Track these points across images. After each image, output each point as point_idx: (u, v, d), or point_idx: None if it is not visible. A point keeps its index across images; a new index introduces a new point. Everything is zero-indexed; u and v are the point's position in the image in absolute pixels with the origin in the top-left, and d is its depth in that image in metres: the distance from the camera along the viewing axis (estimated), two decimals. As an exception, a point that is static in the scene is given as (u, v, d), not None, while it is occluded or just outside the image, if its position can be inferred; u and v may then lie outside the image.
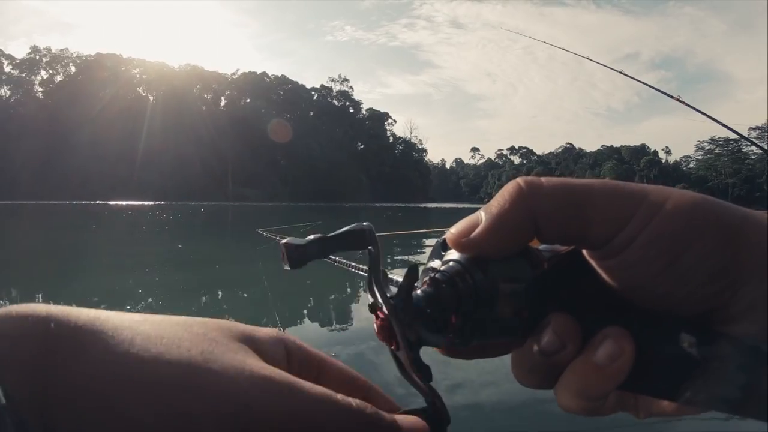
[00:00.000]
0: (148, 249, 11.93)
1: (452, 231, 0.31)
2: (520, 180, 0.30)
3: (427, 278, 0.31)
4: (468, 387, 3.28)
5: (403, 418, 0.30)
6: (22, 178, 72.02)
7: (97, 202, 58.52)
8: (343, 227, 0.33)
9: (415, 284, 0.32)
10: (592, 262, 0.30)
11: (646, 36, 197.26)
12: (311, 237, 0.32)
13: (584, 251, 0.31)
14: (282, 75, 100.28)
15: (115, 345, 0.25)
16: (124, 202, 57.70)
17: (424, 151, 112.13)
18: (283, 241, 0.32)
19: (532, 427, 2.78)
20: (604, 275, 0.30)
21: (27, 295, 5.65)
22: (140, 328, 0.26)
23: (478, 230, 0.30)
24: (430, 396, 0.31)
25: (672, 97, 3.87)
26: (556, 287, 0.31)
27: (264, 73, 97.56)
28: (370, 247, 0.32)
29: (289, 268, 0.32)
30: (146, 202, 59.05)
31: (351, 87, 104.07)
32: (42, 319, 0.24)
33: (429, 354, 0.31)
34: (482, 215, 0.30)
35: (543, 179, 0.30)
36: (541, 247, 0.32)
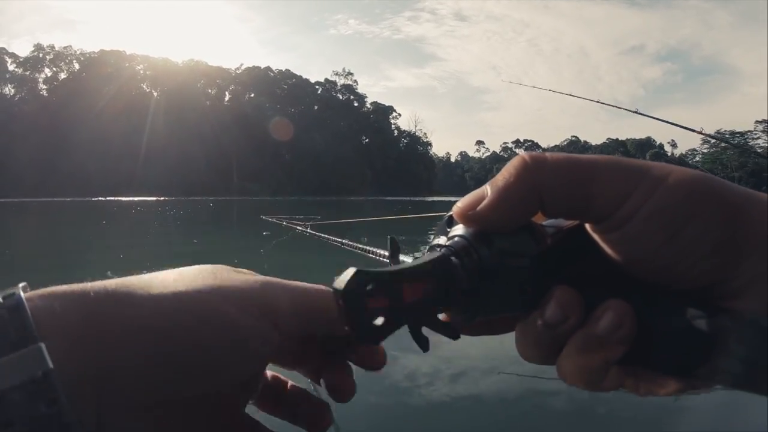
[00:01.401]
0: (163, 244, 11.99)
1: (458, 205, 0.32)
2: (525, 155, 0.30)
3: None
4: (469, 378, 3.32)
5: None
6: (26, 176, 72.34)
7: (108, 198, 58.67)
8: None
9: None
10: (596, 237, 0.31)
11: (652, 28, 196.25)
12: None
13: (587, 226, 0.31)
14: (286, 69, 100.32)
15: (150, 291, 0.30)
16: (132, 198, 57.85)
17: (429, 144, 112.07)
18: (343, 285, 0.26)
19: (534, 422, 2.80)
20: (607, 249, 0.30)
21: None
22: (161, 276, 0.31)
23: (484, 203, 0.30)
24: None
25: (630, 110, 3.84)
26: (559, 262, 0.31)
27: (268, 68, 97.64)
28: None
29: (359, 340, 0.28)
30: (153, 198, 59.19)
31: (355, 81, 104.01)
32: (80, 292, 0.28)
33: (434, 342, 0.31)
34: (488, 189, 0.31)
35: (547, 154, 0.30)
36: (545, 222, 0.33)
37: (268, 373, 0.39)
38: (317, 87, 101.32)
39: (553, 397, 2.92)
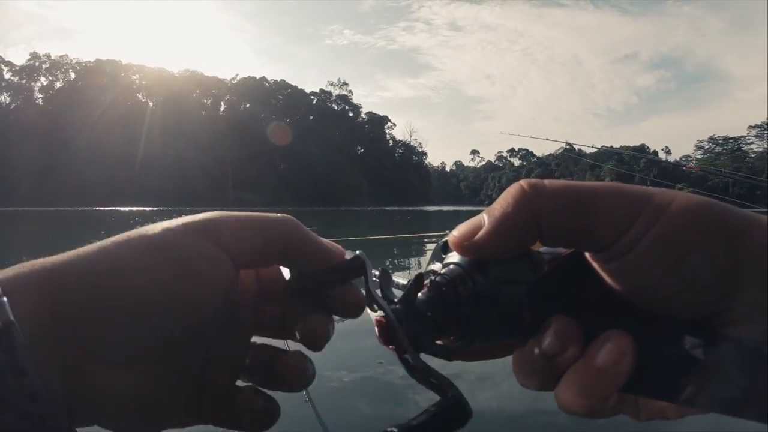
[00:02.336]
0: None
1: (455, 234, 0.31)
2: (523, 182, 0.30)
3: (427, 281, 0.32)
4: (468, 393, 3.36)
5: None
6: (22, 185, 72.11)
7: (105, 208, 58.46)
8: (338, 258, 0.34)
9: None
10: (594, 265, 0.30)
11: (645, 36, 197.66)
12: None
13: (586, 254, 0.31)
14: (281, 79, 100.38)
15: (103, 245, 0.31)
16: (131, 209, 57.71)
17: (424, 154, 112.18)
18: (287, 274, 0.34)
19: (532, 422, 2.81)
20: (606, 278, 0.30)
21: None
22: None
23: (481, 233, 0.30)
24: (449, 390, 0.29)
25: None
26: (557, 289, 0.31)
27: (263, 78, 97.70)
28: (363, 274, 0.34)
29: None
30: (149, 208, 59.07)
31: (350, 91, 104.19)
32: (45, 259, 0.29)
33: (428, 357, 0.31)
34: (485, 218, 0.30)
35: (546, 181, 0.30)
36: (542, 249, 0.32)
37: (260, 343, 0.38)
38: (312, 97, 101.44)
39: (550, 397, 2.93)
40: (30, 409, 0.24)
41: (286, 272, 0.38)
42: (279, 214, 0.35)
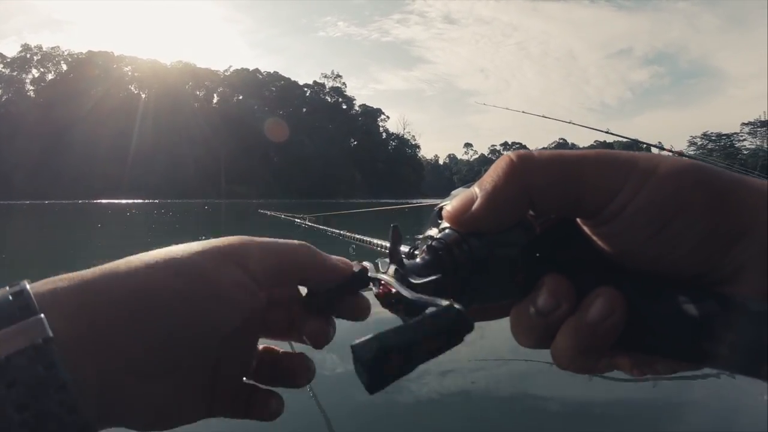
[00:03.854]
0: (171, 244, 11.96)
1: (448, 209, 0.32)
2: (511, 154, 0.30)
3: (425, 246, 0.33)
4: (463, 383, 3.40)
5: None
6: (13, 178, 71.68)
7: (98, 201, 58.16)
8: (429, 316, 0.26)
9: (415, 252, 0.34)
10: (584, 228, 0.31)
11: (640, 31, 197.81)
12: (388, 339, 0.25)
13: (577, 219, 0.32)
14: (275, 71, 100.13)
15: (134, 263, 0.33)
16: (128, 201, 57.51)
17: (417, 147, 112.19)
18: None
19: (527, 421, 2.75)
20: (596, 240, 0.31)
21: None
22: (147, 253, 0.34)
23: (474, 208, 0.30)
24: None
25: (601, 131, 4.62)
26: (549, 251, 0.32)
27: (257, 70, 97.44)
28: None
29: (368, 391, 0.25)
30: (141, 201, 58.80)
31: (344, 83, 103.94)
32: (76, 275, 0.31)
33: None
34: (477, 192, 0.31)
35: (534, 152, 0.30)
36: None
37: (262, 346, 0.41)
38: (306, 89, 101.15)
39: (548, 396, 2.87)
40: (69, 421, 0.26)
41: (302, 289, 0.40)
42: (296, 241, 0.38)
